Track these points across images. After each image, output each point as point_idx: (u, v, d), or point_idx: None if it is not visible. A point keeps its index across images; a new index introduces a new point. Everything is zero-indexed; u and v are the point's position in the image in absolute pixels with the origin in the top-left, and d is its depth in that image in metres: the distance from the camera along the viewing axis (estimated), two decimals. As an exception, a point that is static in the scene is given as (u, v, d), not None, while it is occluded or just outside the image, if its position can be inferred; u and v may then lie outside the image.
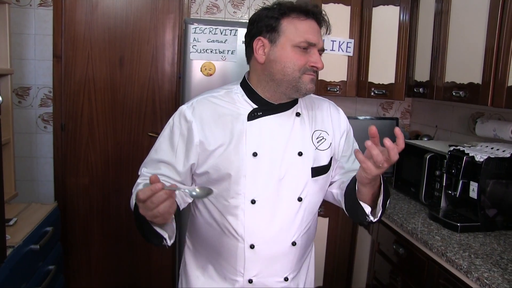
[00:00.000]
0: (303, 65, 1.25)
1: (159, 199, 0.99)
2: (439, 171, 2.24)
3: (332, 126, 1.42)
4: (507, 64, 1.84)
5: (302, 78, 1.26)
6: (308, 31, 1.25)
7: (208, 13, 3.04)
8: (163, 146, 1.33)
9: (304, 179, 1.32)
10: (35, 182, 2.99)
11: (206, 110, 1.31)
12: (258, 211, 1.28)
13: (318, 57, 1.27)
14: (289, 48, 1.25)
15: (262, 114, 1.30)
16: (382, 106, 3.32)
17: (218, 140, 1.28)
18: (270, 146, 1.29)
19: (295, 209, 1.32)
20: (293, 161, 1.31)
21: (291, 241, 1.33)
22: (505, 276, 1.52)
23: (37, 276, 1.99)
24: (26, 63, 2.87)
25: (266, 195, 1.28)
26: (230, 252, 1.32)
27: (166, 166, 1.31)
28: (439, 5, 2.34)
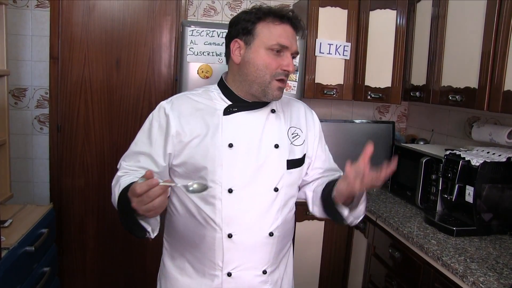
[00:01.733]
0: (275, 68, 1.30)
1: (155, 193, 1.03)
2: (435, 175, 2.25)
3: (306, 125, 1.49)
4: (503, 69, 1.85)
5: (271, 84, 1.31)
6: (282, 35, 1.30)
7: (205, 16, 3.05)
8: (143, 139, 1.39)
9: (280, 170, 1.38)
10: (31, 183, 2.98)
11: (183, 104, 1.37)
12: (235, 200, 1.32)
13: (290, 61, 1.32)
14: (262, 50, 1.30)
15: (237, 110, 1.36)
16: (378, 109, 3.33)
17: (194, 131, 1.33)
18: (246, 138, 1.35)
19: (272, 199, 1.36)
20: (269, 152, 1.36)
21: (268, 231, 1.36)
22: (500, 281, 1.53)
23: (32, 278, 1.98)
24: (22, 64, 2.86)
25: (243, 184, 1.33)
26: (208, 244, 1.35)
27: (145, 158, 1.36)
28: (436, 9, 2.35)
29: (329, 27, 2.76)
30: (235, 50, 1.34)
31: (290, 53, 1.32)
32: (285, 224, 1.43)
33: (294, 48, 1.33)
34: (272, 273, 1.43)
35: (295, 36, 1.34)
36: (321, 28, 2.75)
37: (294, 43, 1.33)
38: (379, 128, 2.90)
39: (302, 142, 1.46)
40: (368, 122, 2.94)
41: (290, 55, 1.32)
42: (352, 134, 2.82)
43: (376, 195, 2.71)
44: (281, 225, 1.40)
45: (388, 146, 2.85)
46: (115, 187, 1.30)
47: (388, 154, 2.82)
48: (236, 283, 1.37)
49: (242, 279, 1.37)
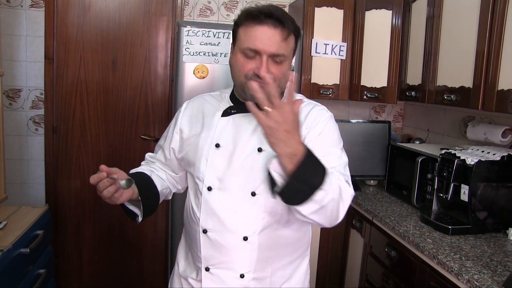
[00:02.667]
0: (247, 71, 1.26)
1: (103, 185, 1.21)
2: (430, 174, 2.26)
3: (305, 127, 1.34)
4: (497, 68, 1.86)
5: (247, 84, 1.25)
6: (256, 38, 1.23)
7: (201, 16, 3.04)
8: (165, 133, 1.55)
9: (259, 175, 1.29)
10: (26, 184, 2.96)
11: (196, 104, 1.49)
12: (213, 198, 1.35)
13: (262, 64, 1.23)
14: (238, 54, 1.29)
15: (236, 112, 1.38)
16: (374, 109, 3.34)
17: (193, 130, 1.43)
18: (233, 139, 1.36)
19: (248, 203, 1.31)
20: (252, 156, 1.32)
21: (242, 234, 1.32)
22: (494, 278, 1.54)
23: (27, 280, 1.97)
24: (17, 65, 2.85)
25: (222, 185, 1.34)
26: (193, 236, 1.41)
27: (161, 151, 1.53)
28: (431, 9, 2.36)
29: (325, 27, 2.77)
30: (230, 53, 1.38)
31: (267, 56, 1.23)
32: (272, 236, 1.35)
33: (270, 50, 1.22)
34: (258, 281, 1.38)
35: (276, 37, 1.23)
36: (317, 28, 2.76)
37: (271, 44, 1.22)
38: (375, 128, 2.91)
39: None
40: (364, 122, 2.95)
41: (265, 58, 1.23)
42: (349, 134, 2.83)
43: (372, 194, 2.72)
44: (263, 233, 1.33)
45: (384, 145, 2.85)
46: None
47: (384, 153, 2.83)
48: (214, 280, 1.38)
49: (220, 278, 1.37)
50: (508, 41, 1.82)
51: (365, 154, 2.86)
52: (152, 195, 1.39)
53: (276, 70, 1.25)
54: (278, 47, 1.23)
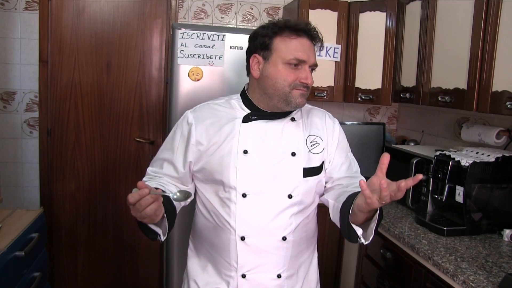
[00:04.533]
0: (293, 81, 1.33)
1: (146, 202, 1.12)
2: (425, 176, 2.26)
3: (326, 134, 1.49)
4: (491, 70, 1.87)
5: (292, 93, 1.34)
6: (298, 49, 1.33)
7: (196, 18, 3.04)
8: (167, 146, 1.49)
9: (296, 178, 1.39)
10: (20, 187, 2.95)
11: (206, 113, 1.45)
12: (249, 204, 1.36)
13: (308, 73, 1.35)
14: (280, 65, 1.34)
15: (256, 118, 1.41)
16: (369, 111, 3.35)
17: (213, 139, 1.39)
18: (261, 145, 1.38)
19: (285, 205, 1.38)
20: (286, 160, 1.39)
21: (281, 235, 1.38)
22: (490, 279, 1.54)
23: (22, 283, 1.96)
24: (11, 68, 2.84)
25: (257, 190, 1.36)
26: (224, 246, 1.40)
27: (168, 164, 1.46)
28: (425, 11, 2.38)
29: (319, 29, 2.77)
30: (254, 65, 1.39)
31: (308, 66, 1.35)
32: (301, 231, 1.44)
33: (311, 61, 1.36)
34: (289, 278, 1.45)
35: (312, 49, 1.37)
36: (311, 31, 2.76)
37: (311, 55, 1.35)
38: (369, 130, 2.92)
39: (322, 150, 1.46)
40: (358, 123, 2.96)
41: (308, 68, 1.35)
42: (343, 136, 2.83)
43: (368, 196, 2.72)
44: (296, 230, 1.42)
45: (379, 147, 2.86)
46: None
47: (379, 155, 2.83)
48: (251, 285, 1.41)
49: (257, 282, 1.41)
50: (502, 42, 1.83)
51: (360, 156, 2.83)
52: (172, 211, 1.35)
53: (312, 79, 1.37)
54: (315, 58, 1.38)
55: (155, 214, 1.17)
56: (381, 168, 1.16)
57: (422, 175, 1.10)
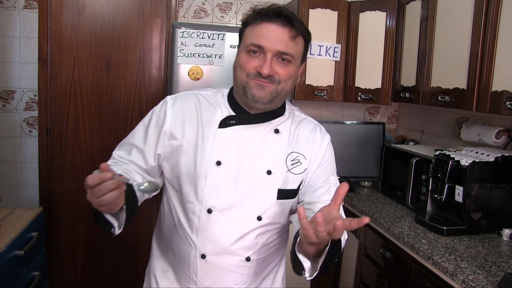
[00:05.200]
0: (250, 69, 1.19)
1: (106, 188, 0.99)
2: (425, 175, 2.26)
3: (310, 151, 1.32)
4: (491, 70, 1.87)
5: (249, 83, 1.20)
6: (261, 34, 1.18)
7: (196, 17, 3.04)
8: (140, 132, 1.34)
9: (268, 199, 1.26)
10: (20, 187, 2.95)
11: (187, 104, 1.31)
12: (214, 222, 1.24)
13: (266, 62, 1.17)
14: (241, 53, 1.23)
15: (235, 123, 1.26)
16: (368, 110, 3.35)
17: (186, 137, 1.26)
18: (237, 157, 1.25)
19: (253, 227, 1.26)
20: (260, 178, 1.25)
21: (245, 256, 1.27)
22: (489, 278, 1.54)
23: (21, 282, 1.96)
24: (10, 66, 2.83)
25: (224, 207, 1.23)
26: (184, 258, 1.29)
27: (137, 152, 1.32)
28: (425, 11, 2.38)
29: (319, 29, 2.77)
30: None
31: (272, 53, 1.17)
32: (268, 247, 1.33)
33: (275, 47, 1.17)
34: None
35: (283, 35, 1.18)
36: (311, 30, 2.69)
37: (277, 42, 1.17)
38: (369, 129, 2.92)
39: (303, 170, 1.30)
40: (358, 123, 2.95)
41: (269, 56, 1.17)
42: (343, 136, 2.83)
43: (367, 195, 2.73)
44: (262, 249, 1.30)
45: (379, 147, 2.86)
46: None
47: (379, 155, 2.84)
48: None
49: None
50: (502, 42, 1.83)
51: (360, 156, 2.86)
52: (133, 203, 1.18)
53: (282, 71, 1.20)
54: (285, 45, 1.18)
55: (114, 203, 1.03)
56: (335, 199, 0.98)
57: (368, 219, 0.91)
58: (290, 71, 1.21)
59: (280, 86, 1.21)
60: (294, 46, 1.20)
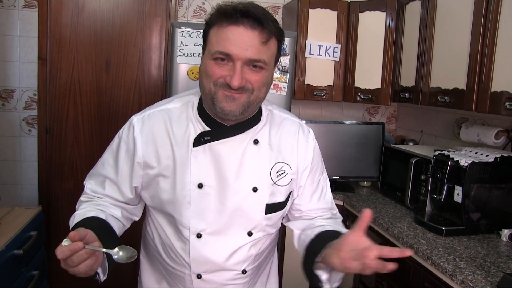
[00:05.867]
0: (217, 78, 1.06)
1: (79, 258, 0.91)
2: (424, 176, 2.26)
3: (296, 159, 1.25)
4: (490, 70, 1.87)
5: (217, 94, 1.07)
6: (228, 40, 1.04)
7: (195, 17, 3.04)
8: (109, 161, 1.23)
9: (257, 216, 1.20)
10: (19, 186, 2.94)
11: (155, 127, 1.18)
12: (205, 244, 1.19)
13: (235, 71, 1.04)
14: (207, 60, 1.08)
15: (210, 139, 1.15)
16: (368, 111, 3.35)
17: (162, 163, 1.16)
18: (219, 177, 1.16)
19: (245, 242, 1.22)
20: (245, 196, 1.18)
21: (241, 269, 1.24)
22: (488, 279, 1.54)
23: (20, 281, 1.96)
24: (10, 65, 2.83)
25: (212, 230, 1.18)
26: (179, 276, 1.26)
27: (111, 185, 1.22)
28: (424, 11, 2.38)
29: (319, 29, 2.77)
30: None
31: (242, 62, 1.04)
32: (262, 254, 1.30)
33: (245, 55, 1.03)
34: None
35: (254, 40, 1.04)
36: (311, 30, 2.76)
37: (247, 48, 1.03)
38: (368, 129, 2.92)
39: (289, 181, 1.23)
40: (358, 123, 2.95)
41: (239, 65, 1.04)
42: (342, 136, 2.84)
43: (366, 195, 2.73)
44: (256, 257, 1.27)
45: (378, 147, 2.86)
46: (72, 217, 1.17)
47: (378, 155, 2.84)
48: None
49: None
50: (501, 42, 1.84)
51: (359, 156, 2.86)
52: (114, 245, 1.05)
53: (254, 78, 1.07)
54: (256, 51, 1.04)
55: (92, 269, 0.96)
56: (360, 226, 0.99)
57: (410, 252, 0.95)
58: (263, 77, 1.08)
59: (253, 95, 1.09)
60: (266, 51, 1.06)
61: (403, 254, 0.93)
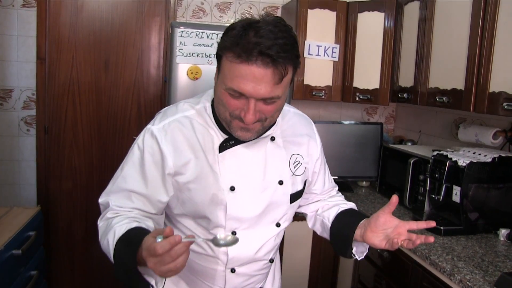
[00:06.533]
0: (233, 110, 1.08)
1: (177, 252, 0.89)
2: (423, 176, 2.27)
3: (307, 150, 1.35)
4: (488, 71, 1.88)
5: (232, 123, 1.11)
6: (240, 78, 1.01)
7: (194, 17, 3.04)
8: (134, 175, 1.19)
9: (284, 206, 1.30)
10: (17, 185, 2.94)
11: (180, 135, 1.18)
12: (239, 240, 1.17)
13: (249, 110, 1.05)
14: (222, 89, 1.07)
15: (234, 143, 1.20)
16: (366, 111, 3.36)
17: (192, 171, 1.18)
18: (248, 177, 1.23)
19: (273, 233, 1.31)
20: (274, 190, 1.26)
21: (269, 259, 1.34)
22: (486, 278, 1.55)
23: (19, 281, 1.96)
24: (8, 65, 2.83)
25: (246, 226, 1.25)
26: (208, 274, 1.29)
27: (139, 198, 1.19)
28: (423, 12, 2.38)
29: (317, 29, 2.78)
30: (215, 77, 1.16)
31: (255, 100, 1.04)
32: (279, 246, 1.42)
33: (259, 95, 1.02)
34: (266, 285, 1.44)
35: (267, 78, 1.01)
36: (309, 30, 2.77)
37: (260, 88, 1.01)
38: (367, 129, 2.93)
39: (303, 171, 1.34)
40: (356, 123, 2.96)
41: (252, 104, 1.04)
42: (341, 135, 2.84)
43: (365, 195, 2.73)
44: (276, 246, 1.38)
45: (376, 147, 2.87)
46: (108, 232, 1.12)
47: (377, 155, 2.85)
48: None
49: None
50: (499, 43, 1.84)
51: (357, 156, 2.87)
52: None
53: (267, 109, 1.08)
54: (269, 90, 1.03)
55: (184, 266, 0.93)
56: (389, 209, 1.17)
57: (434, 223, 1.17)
58: (277, 106, 1.10)
59: (267, 121, 1.13)
60: (280, 87, 1.05)
61: (429, 225, 1.14)
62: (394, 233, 1.15)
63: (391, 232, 1.15)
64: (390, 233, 1.15)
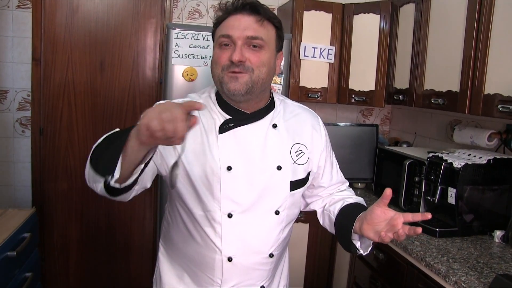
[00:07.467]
0: (224, 62, 1.19)
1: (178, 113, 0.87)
2: (418, 177, 2.28)
3: (311, 140, 1.38)
4: (483, 73, 1.89)
5: (224, 78, 1.20)
6: (228, 26, 1.21)
7: (190, 19, 3.04)
8: None
9: (282, 193, 1.31)
10: (12, 187, 2.92)
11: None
12: (235, 225, 1.26)
13: (236, 49, 1.18)
14: (215, 50, 1.24)
15: (234, 125, 1.27)
16: (362, 112, 3.36)
17: (192, 150, 1.23)
18: (245, 159, 1.26)
19: (273, 222, 1.31)
20: (271, 175, 1.28)
21: (268, 253, 1.32)
22: (481, 279, 1.56)
23: (13, 283, 1.95)
24: (3, 66, 2.82)
25: (243, 209, 1.26)
26: (207, 263, 1.30)
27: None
28: (418, 14, 2.39)
29: (313, 31, 2.78)
30: None
31: (241, 41, 1.18)
32: (284, 242, 1.39)
33: (244, 34, 1.18)
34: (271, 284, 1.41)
35: (250, 21, 1.20)
36: (305, 32, 2.77)
37: (245, 28, 1.18)
38: (362, 131, 2.93)
39: (306, 160, 1.35)
40: (352, 125, 2.97)
41: (240, 44, 1.18)
42: (336, 137, 2.85)
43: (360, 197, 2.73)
44: (281, 244, 1.36)
45: (372, 149, 2.88)
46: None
47: (372, 157, 2.85)
48: None
49: None
50: (494, 45, 1.85)
51: (353, 157, 2.88)
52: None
53: (253, 57, 1.20)
54: (253, 30, 1.19)
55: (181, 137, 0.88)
56: (383, 202, 1.20)
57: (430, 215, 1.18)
58: (262, 56, 1.21)
59: (255, 74, 1.20)
60: (263, 30, 1.21)
61: (425, 217, 1.17)
62: (389, 225, 1.18)
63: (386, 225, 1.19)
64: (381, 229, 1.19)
